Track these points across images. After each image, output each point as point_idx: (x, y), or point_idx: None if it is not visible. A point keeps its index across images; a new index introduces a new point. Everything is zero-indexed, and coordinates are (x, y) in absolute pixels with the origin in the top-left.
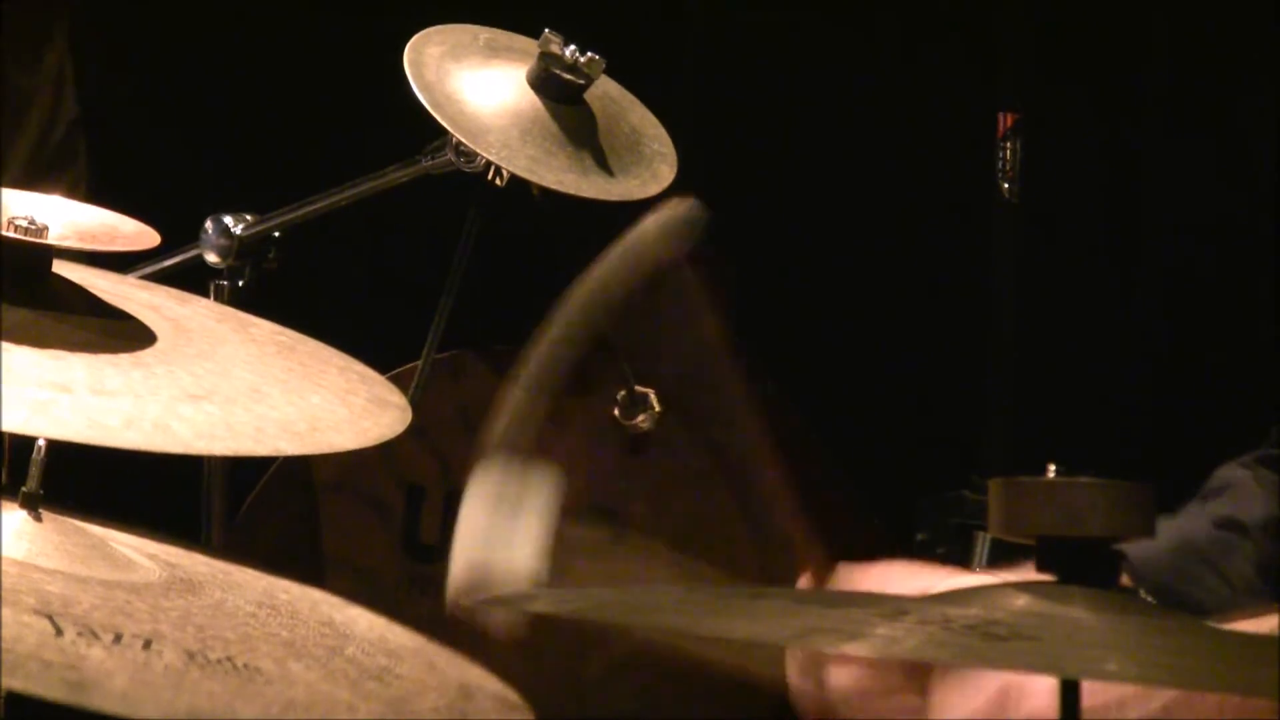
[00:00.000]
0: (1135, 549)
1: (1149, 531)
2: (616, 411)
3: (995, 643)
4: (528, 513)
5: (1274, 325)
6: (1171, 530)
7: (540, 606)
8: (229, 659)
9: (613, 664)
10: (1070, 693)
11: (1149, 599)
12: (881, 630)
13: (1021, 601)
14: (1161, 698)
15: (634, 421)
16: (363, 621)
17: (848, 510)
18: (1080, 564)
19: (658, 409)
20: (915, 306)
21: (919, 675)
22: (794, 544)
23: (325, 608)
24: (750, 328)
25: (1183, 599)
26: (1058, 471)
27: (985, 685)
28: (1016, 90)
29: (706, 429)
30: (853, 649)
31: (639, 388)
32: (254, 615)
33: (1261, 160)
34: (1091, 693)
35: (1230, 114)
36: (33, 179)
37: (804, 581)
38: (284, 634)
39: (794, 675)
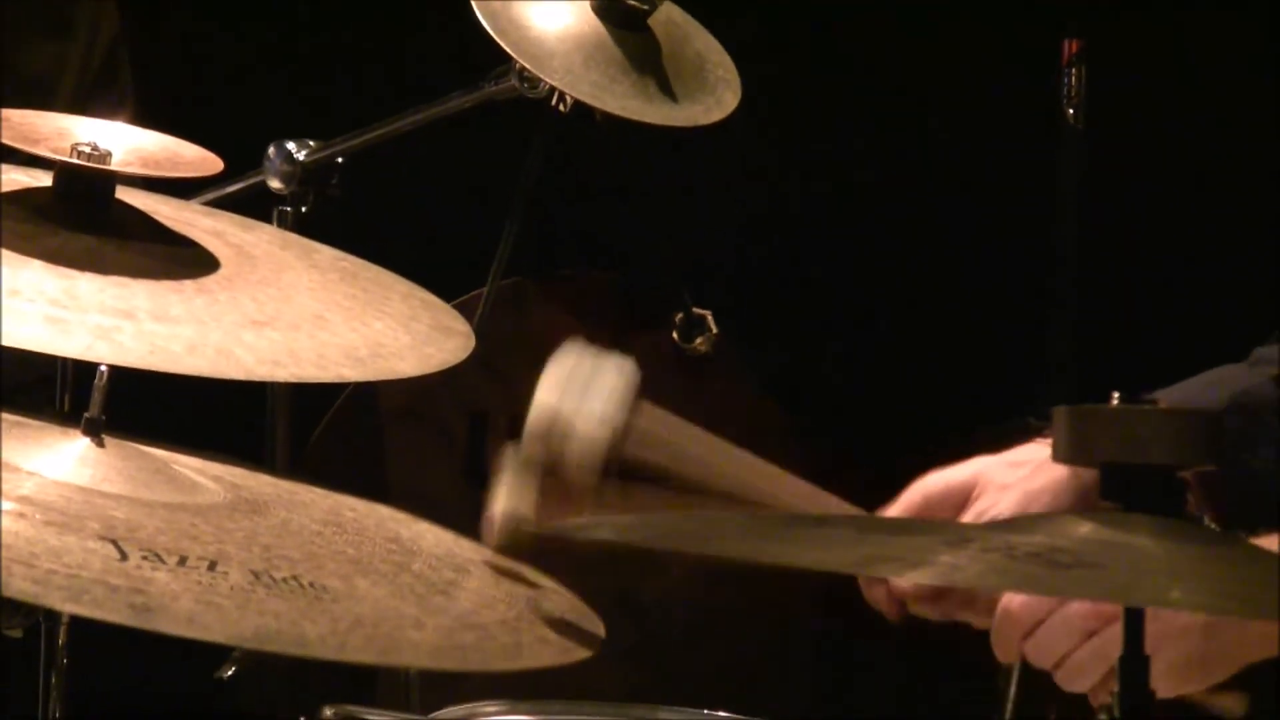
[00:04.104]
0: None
1: (1215, 460)
2: (675, 335)
3: (1059, 570)
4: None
5: None
6: (1224, 385)
7: (603, 534)
8: (295, 578)
9: (669, 584)
10: (1134, 621)
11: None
12: (945, 558)
13: (1085, 529)
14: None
15: (692, 345)
16: (429, 536)
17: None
18: (1145, 491)
19: (715, 331)
20: (980, 234)
21: None
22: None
23: (391, 524)
24: (811, 261)
25: (1238, 467)
26: (1122, 399)
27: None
28: (1080, 16)
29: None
30: (916, 576)
31: (696, 310)
32: (320, 534)
33: None
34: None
35: None
36: (80, 101)
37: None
38: (350, 551)
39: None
